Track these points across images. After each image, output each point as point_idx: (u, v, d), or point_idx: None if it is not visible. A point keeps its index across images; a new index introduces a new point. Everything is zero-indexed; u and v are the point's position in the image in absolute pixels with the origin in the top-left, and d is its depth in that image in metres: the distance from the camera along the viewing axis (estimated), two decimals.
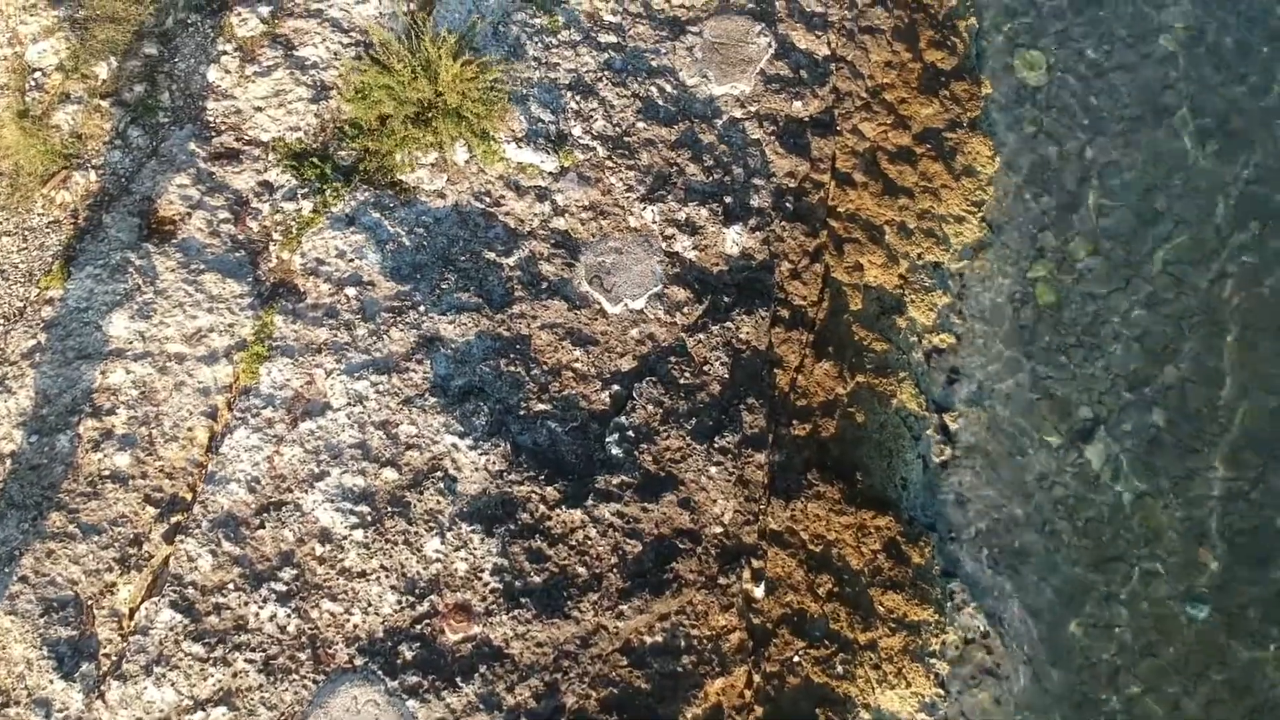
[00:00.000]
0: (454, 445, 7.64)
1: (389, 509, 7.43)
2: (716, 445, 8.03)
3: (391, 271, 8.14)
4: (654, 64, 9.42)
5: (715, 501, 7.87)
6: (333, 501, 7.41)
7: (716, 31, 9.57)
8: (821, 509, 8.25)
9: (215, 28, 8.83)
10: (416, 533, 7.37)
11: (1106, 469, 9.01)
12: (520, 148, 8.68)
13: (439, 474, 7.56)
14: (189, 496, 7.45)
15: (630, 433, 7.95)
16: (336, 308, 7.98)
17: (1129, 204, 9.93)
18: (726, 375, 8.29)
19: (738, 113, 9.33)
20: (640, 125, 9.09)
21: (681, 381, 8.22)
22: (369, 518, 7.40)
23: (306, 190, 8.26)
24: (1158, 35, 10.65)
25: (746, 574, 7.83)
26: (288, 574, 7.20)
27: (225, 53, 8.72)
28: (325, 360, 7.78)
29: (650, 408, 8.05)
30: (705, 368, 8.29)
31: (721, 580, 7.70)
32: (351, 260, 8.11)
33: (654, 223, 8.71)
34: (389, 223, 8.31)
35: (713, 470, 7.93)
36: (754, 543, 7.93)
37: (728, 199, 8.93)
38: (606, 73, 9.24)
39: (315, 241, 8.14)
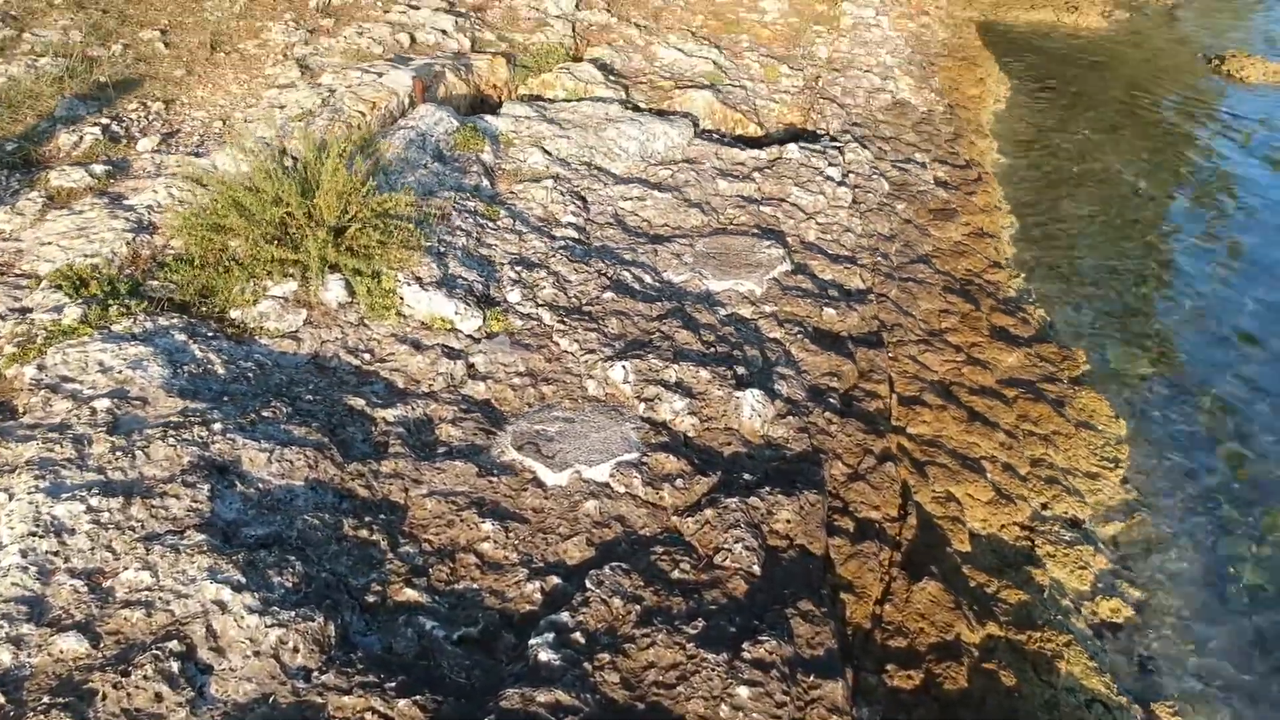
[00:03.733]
0: (220, 602, 3.78)
1: (47, 705, 3.39)
2: (746, 656, 4.07)
3: (182, 391, 4.83)
4: (627, 258, 6.86)
5: None
6: None
7: (713, 245, 7.16)
8: None
9: (25, 181, 6.46)
10: None
11: None
12: (426, 291, 5.80)
13: (174, 646, 3.61)
14: None
15: (577, 634, 4.08)
16: (69, 423, 4.56)
17: None
18: (756, 569, 4.56)
19: (746, 311, 6.56)
20: (608, 296, 6.28)
21: (675, 576, 4.49)
22: None
23: (80, 303, 5.26)
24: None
25: None
26: None
27: (29, 199, 6.24)
28: (17, 482, 4.21)
29: (617, 602, 4.24)
30: (719, 558, 4.59)
31: None
32: (119, 374, 4.84)
33: (626, 382, 5.53)
34: (198, 347, 5.17)
35: (742, 694, 3.90)
36: None
37: (739, 369, 5.83)
38: (563, 253, 6.65)
39: (68, 354, 4.92)
